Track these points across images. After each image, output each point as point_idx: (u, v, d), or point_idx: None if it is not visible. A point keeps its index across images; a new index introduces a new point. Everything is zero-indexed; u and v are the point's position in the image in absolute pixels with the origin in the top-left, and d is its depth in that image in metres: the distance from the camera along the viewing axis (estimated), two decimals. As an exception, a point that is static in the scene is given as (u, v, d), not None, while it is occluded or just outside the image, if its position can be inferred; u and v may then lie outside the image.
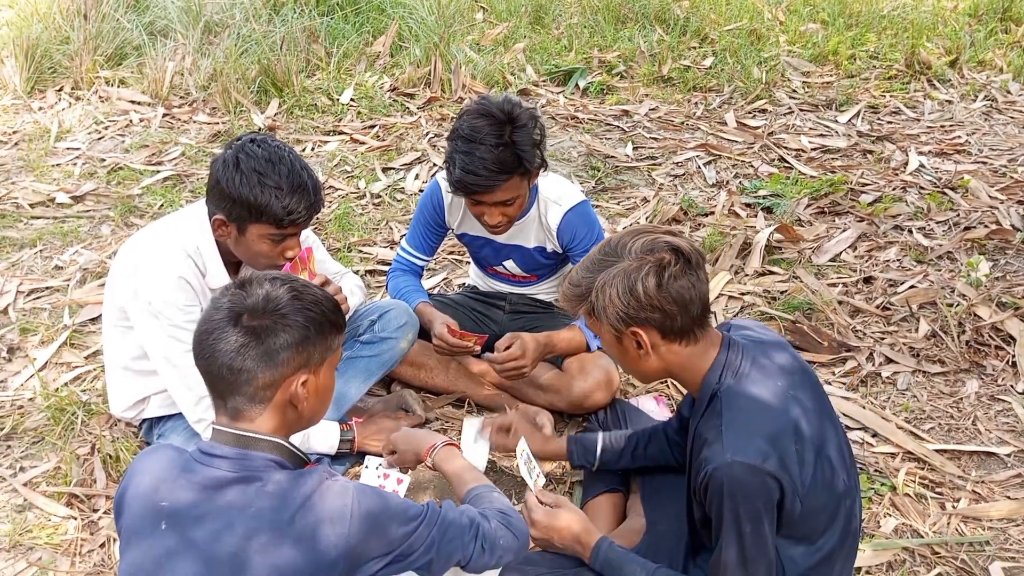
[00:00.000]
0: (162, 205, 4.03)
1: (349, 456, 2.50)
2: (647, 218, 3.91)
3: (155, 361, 2.29)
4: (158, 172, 4.35)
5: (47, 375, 2.91)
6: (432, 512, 1.63)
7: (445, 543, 1.61)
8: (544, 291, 2.87)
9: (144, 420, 2.50)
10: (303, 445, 2.33)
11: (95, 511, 2.39)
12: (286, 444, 1.54)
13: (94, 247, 3.74)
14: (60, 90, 5.27)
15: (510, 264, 2.75)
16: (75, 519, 2.35)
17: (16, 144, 4.71)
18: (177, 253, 2.24)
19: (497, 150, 2.31)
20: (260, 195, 2.10)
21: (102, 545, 2.30)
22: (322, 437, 2.45)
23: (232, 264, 2.33)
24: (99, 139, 4.77)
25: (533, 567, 1.95)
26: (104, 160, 4.53)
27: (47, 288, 3.46)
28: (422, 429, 2.20)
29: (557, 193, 2.60)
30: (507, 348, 2.49)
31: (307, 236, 2.51)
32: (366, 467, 2.21)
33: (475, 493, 1.83)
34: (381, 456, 2.18)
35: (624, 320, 1.68)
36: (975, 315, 3.06)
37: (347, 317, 2.36)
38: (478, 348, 2.56)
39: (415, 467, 2.17)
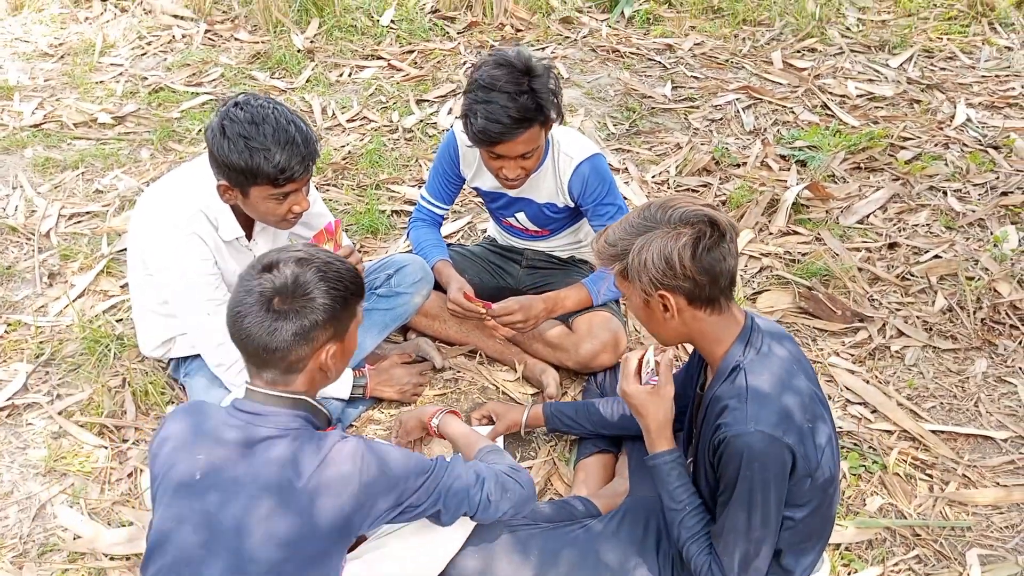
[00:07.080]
0: (199, 130, 4.10)
1: (363, 400, 2.64)
2: (676, 167, 3.89)
3: (176, 313, 2.42)
4: (197, 96, 4.42)
5: (85, 302, 3.06)
6: (440, 467, 1.79)
7: (451, 495, 1.78)
8: (560, 247, 2.91)
9: (172, 359, 2.64)
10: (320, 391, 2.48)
11: (124, 441, 2.57)
12: (313, 401, 1.71)
13: (133, 172, 3.85)
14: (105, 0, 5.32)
15: (521, 217, 2.79)
16: (105, 448, 2.53)
17: (62, 57, 4.80)
18: (190, 210, 2.32)
19: (520, 98, 2.34)
20: (250, 159, 2.14)
21: (130, 475, 2.47)
22: (336, 383, 2.57)
23: (245, 216, 2.41)
24: (142, 55, 4.83)
25: (525, 528, 2.02)
26: (147, 79, 4.60)
27: (87, 213, 3.60)
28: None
29: (570, 146, 2.62)
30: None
31: (316, 198, 2.57)
32: None
33: (483, 453, 2.00)
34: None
35: (656, 284, 1.76)
36: (995, 291, 3.04)
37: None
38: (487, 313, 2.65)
39: (422, 436, 2.30)
